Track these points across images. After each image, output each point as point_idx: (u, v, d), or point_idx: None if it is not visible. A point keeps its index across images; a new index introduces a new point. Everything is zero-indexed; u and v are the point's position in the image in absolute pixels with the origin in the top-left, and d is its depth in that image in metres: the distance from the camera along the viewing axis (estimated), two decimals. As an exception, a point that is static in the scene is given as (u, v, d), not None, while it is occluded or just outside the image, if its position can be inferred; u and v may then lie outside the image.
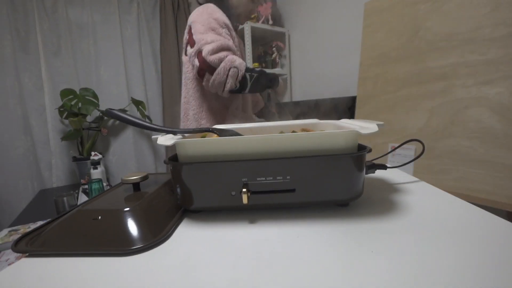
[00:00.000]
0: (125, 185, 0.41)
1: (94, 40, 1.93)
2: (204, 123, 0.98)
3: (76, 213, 0.32)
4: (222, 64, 0.81)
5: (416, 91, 0.98)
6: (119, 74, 2.01)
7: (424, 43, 0.96)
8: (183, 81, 1.01)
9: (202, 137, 0.44)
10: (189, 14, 2.27)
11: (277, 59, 2.18)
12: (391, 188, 0.43)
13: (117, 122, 2.01)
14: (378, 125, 0.33)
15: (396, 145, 1.11)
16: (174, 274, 0.24)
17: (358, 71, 1.24)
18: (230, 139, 0.33)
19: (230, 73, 0.82)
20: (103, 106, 1.91)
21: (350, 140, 0.32)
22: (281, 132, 0.48)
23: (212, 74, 0.83)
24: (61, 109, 1.69)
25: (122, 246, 0.28)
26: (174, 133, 0.40)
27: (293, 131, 0.49)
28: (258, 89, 0.93)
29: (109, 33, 1.97)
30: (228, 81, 0.83)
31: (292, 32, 2.16)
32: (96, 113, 1.86)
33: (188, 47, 0.88)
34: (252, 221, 0.33)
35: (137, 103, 1.90)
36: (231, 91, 0.88)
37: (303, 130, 0.49)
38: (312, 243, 0.27)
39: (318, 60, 1.94)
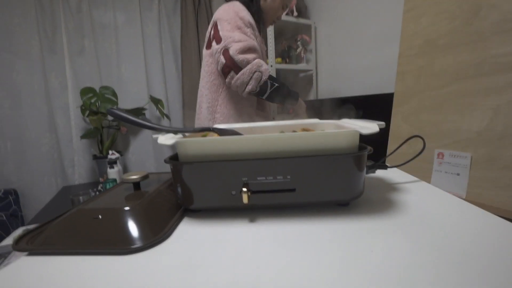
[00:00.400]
0: (126, 184, 0.41)
1: (116, 38, 1.93)
2: (218, 117, 0.97)
3: (76, 212, 0.32)
4: (249, 66, 0.84)
5: (474, 85, 0.79)
6: (139, 72, 1.99)
7: (487, 25, 0.77)
8: (201, 74, 1.00)
9: (202, 136, 0.43)
10: (210, 9, 2.22)
11: (302, 54, 2.03)
12: (391, 188, 0.42)
13: (137, 120, 2.00)
14: (378, 125, 0.33)
15: (445, 151, 0.91)
16: (174, 273, 0.23)
17: (397, 64, 1.06)
18: (230, 138, 0.33)
19: (254, 75, 0.85)
20: (122, 105, 1.90)
21: (351, 140, 0.32)
22: (282, 132, 0.47)
23: (237, 72, 0.85)
24: (83, 108, 1.70)
25: (122, 245, 0.28)
26: (175, 132, 0.39)
27: (294, 131, 0.48)
28: (276, 99, 0.94)
29: (130, 31, 1.96)
30: (250, 82, 0.86)
31: (319, 24, 1.99)
32: (116, 112, 1.86)
33: (214, 43, 0.88)
34: (252, 220, 0.33)
35: (156, 101, 1.86)
36: (250, 93, 0.90)
37: (304, 129, 0.48)
38: (312, 243, 0.27)
39: (348, 54, 1.76)
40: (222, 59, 0.85)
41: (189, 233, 0.31)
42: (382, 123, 0.34)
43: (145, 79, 2.01)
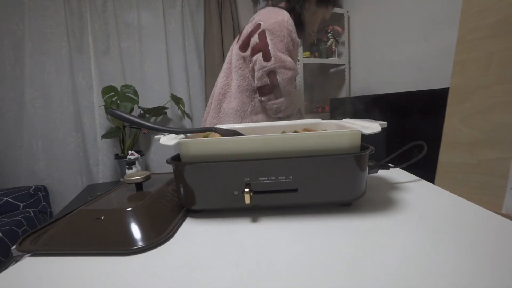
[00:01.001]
0: (128, 185, 0.41)
1: (139, 37, 1.92)
2: (248, 122, 0.95)
3: (79, 212, 0.33)
4: (289, 98, 0.87)
5: None
6: (162, 71, 1.96)
7: None
8: (225, 70, 0.94)
9: (204, 137, 0.43)
10: (235, 5, 2.11)
11: (333, 46, 1.84)
12: (393, 187, 0.42)
13: (158, 120, 1.97)
14: (380, 125, 0.33)
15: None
16: (177, 274, 0.24)
17: (455, 52, 0.85)
18: (232, 139, 0.33)
19: (291, 106, 0.90)
20: (144, 103, 1.88)
21: (353, 140, 0.32)
22: (283, 132, 0.47)
23: (276, 98, 0.86)
24: (106, 107, 1.70)
25: (125, 246, 0.28)
26: (177, 133, 0.39)
27: (295, 131, 0.48)
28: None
29: (153, 29, 1.94)
30: (284, 111, 0.89)
31: (353, 13, 1.78)
32: (138, 111, 1.84)
33: (260, 56, 0.84)
34: (255, 220, 0.33)
35: (177, 100, 1.81)
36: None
37: (305, 130, 0.48)
38: (315, 243, 0.27)
39: (388, 45, 1.53)
40: (266, 80, 0.84)
41: (191, 233, 0.31)
42: (384, 122, 0.34)
43: (167, 78, 1.97)
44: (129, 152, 1.51)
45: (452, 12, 1.15)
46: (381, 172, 0.50)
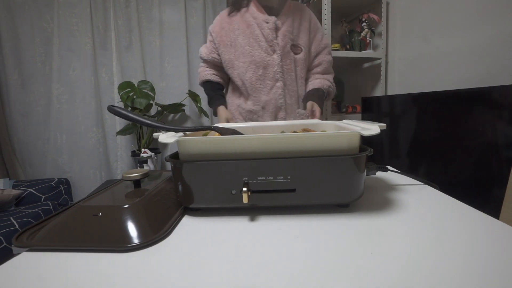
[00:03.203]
0: (126, 182, 0.40)
1: (160, 31, 1.88)
2: None
3: (76, 209, 0.32)
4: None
5: None
6: (182, 66, 1.90)
7: None
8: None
9: (203, 135, 0.43)
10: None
11: (367, 38, 1.61)
12: (391, 189, 0.43)
13: (176, 117, 1.92)
14: (380, 126, 0.33)
15: None
16: (174, 271, 0.24)
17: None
18: (231, 138, 0.33)
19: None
20: (164, 100, 1.84)
21: (352, 142, 0.32)
22: (282, 132, 0.47)
23: None
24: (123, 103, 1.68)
25: (122, 243, 0.28)
26: (176, 131, 0.39)
27: (294, 131, 0.47)
28: None
29: (175, 23, 1.89)
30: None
31: (394, -3, 1.54)
32: (156, 108, 1.80)
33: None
34: (252, 219, 0.34)
35: (194, 96, 1.73)
36: None
37: (304, 130, 0.48)
38: (312, 244, 0.27)
39: (437, 33, 1.27)
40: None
41: (189, 231, 0.31)
42: (383, 124, 0.34)
43: (186, 73, 1.90)
44: (143, 150, 1.46)
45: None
46: (379, 173, 0.49)
